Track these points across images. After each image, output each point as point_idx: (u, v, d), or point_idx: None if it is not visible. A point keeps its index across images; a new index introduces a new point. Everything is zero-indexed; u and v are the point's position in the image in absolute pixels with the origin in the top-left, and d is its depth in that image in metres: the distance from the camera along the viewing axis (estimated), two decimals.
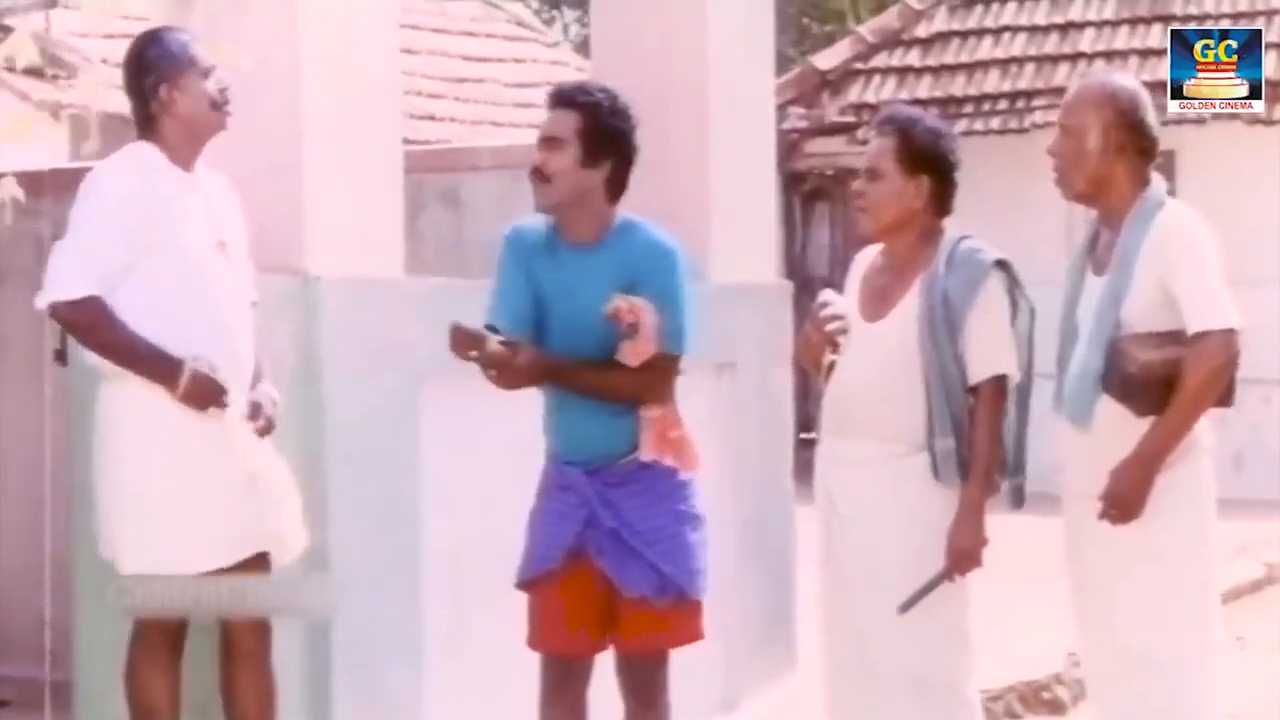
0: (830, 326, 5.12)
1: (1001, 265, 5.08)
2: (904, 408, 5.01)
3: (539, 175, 4.93)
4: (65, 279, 4.93)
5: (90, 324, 4.95)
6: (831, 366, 5.15)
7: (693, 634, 5.08)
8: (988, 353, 5.02)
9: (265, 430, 5.13)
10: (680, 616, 5.01)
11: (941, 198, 5.12)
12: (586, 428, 4.97)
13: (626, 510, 4.94)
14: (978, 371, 5.02)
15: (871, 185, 5.10)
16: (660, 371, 4.94)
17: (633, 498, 4.94)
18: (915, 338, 5.01)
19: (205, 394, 4.94)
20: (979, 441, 4.99)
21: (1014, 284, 5.09)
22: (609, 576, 4.95)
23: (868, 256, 5.26)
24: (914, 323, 5.03)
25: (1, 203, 5.40)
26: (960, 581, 5.02)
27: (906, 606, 4.91)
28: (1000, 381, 5.04)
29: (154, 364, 4.93)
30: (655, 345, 4.87)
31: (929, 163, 5.08)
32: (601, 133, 4.93)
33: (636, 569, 4.94)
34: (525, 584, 5.08)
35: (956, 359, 5.00)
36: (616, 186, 4.99)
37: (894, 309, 5.09)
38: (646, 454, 4.93)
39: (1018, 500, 5.12)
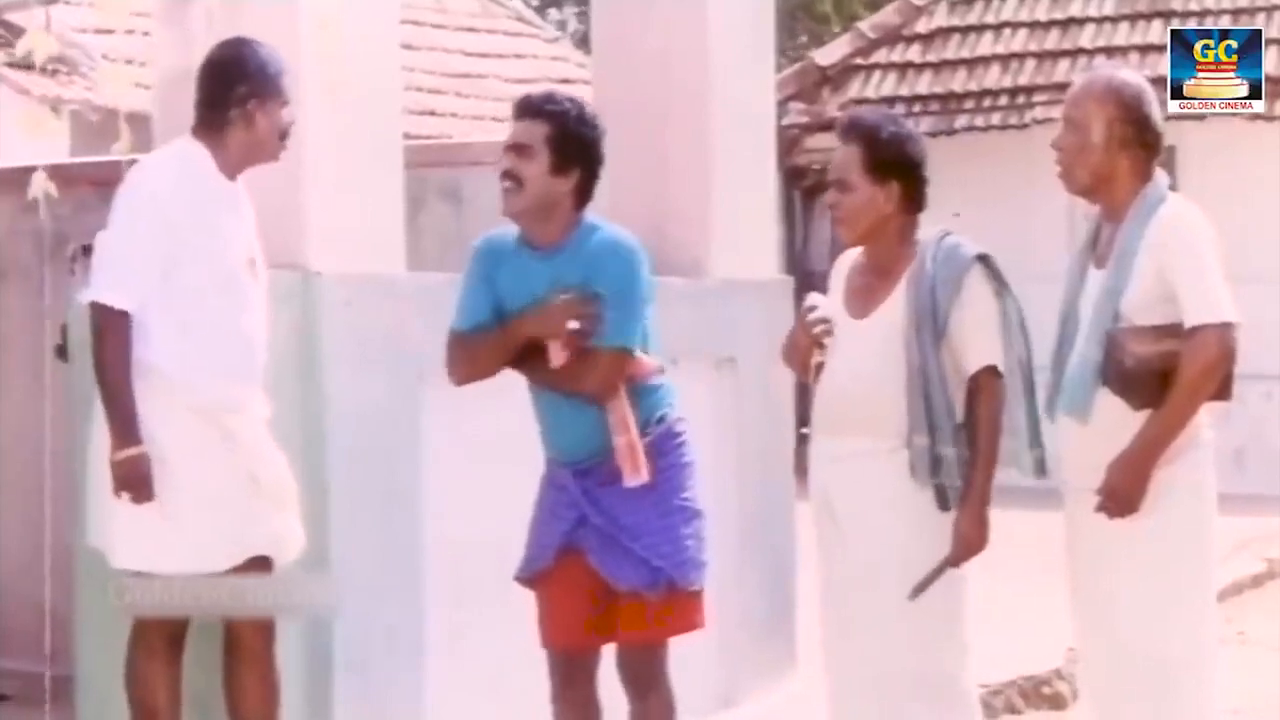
0: (816, 329, 5.15)
1: (983, 260, 5.08)
2: (890, 403, 5.02)
3: (511, 178, 4.98)
4: (111, 284, 4.96)
5: (109, 335, 4.94)
6: (819, 368, 5.17)
7: (690, 624, 5.12)
8: (976, 345, 5.03)
9: None
10: (675, 608, 5.05)
11: (913, 197, 5.13)
12: (570, 430, 5.03)
13: (613, 506, 4.99)
14: (970, 364, 5.03)
15: (843, 197, 5.12)
16: (598, 364, 4.97)
17: (620, 494, 4.99)
18: (901, 334, 5.03)
19: (133, 482, 4.91)
20: (981, 432, 5.00)
21: (998, 278, 5.09)
22: (601, 574, 5.00)
23: (851, 256, 5.29)
24: (900, 319, 5.04)
25: (34, 198, 5.42)
26: (957, 576, 5.03)
27: (914, 594, 4.93)
28: (994, 372, 5.04)
29: (120, 415, 4.92)
30: (565, 349, 4.93)
31: (896, 168, 5.09)
32: (570, 141, 4.99)
33: (627, 564, 4.99)
34: (523, 582, 5.17)
35: (938, 359, 5.01)
36: (583, 194, 5.05)
37: (879, 306, 5.11)
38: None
39: (1040, 470, 5.11)
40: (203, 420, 5.00)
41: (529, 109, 5.04)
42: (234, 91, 5.12)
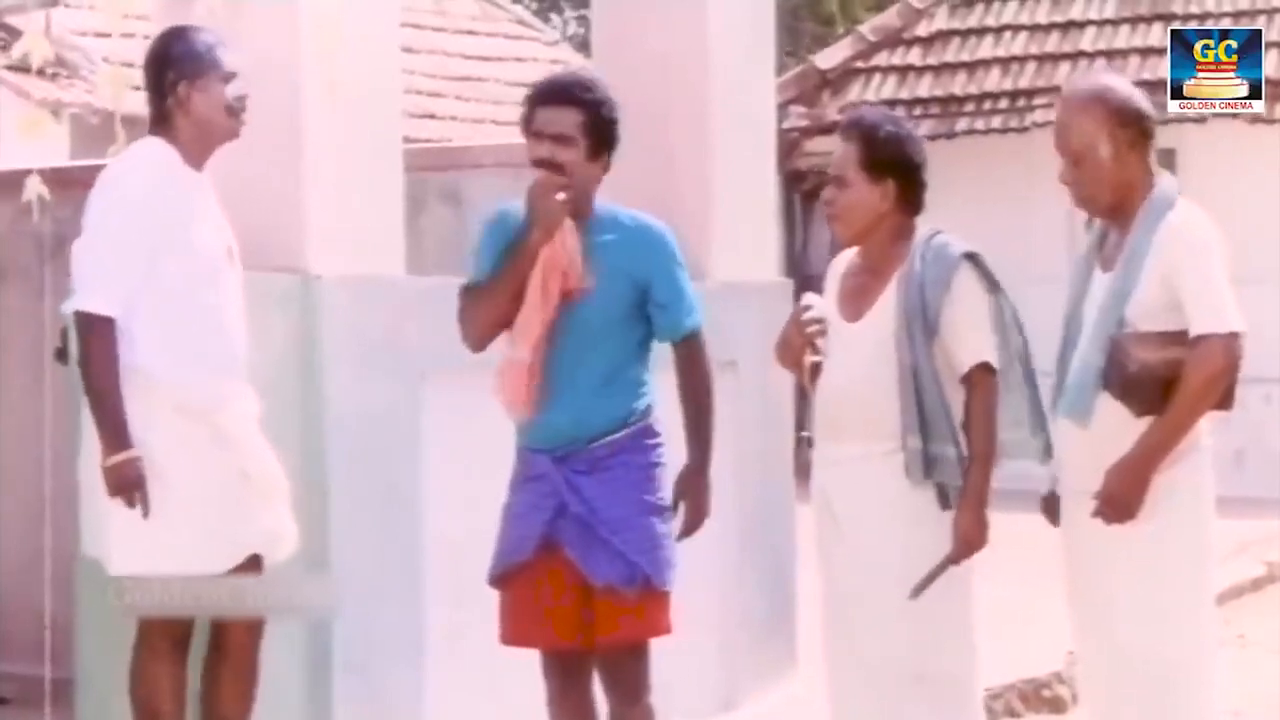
0: (810, 329, 5.15)
1: (971, 257, 5.09)
2: (885, 405, 5.03)
3: (551, 167, 4.96)
4: (94, 291, 4.93)
5: (94, 342, 4.90)
6: (815, 369, 5.17)
7: (662, 626, 5.08)
8: (969, 343, 5.04)
9: None
10: (649, 606, 5.02)
11: (909, 198, 5.14)
12: (552, 414, 5.00)
13: (594, 497, 4.98)
14: (963, 362, 5.04)
15: (839, 193, 5.14)
16: (694, 352, 5.14)
17: (601, 485, 4.98)
18: (892, 335, 5.04)
19: (125, 484, 4.88)
20: (976, 430, 5.00)
21: (987, 276, 5.09)
22: (578, 567, 4.97)
23: (845, 258, 5.30)
24: (891, 320, 5.05)
25: (28, 201, 5.42)
26: (963, 576, 5.03)
27: (915, 593, 4.93)
28: (987, 368, 5.04)
29: (110, 420, 4.89)
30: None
31: (893, 167, 5.10)
32: (604, 128, 5.04)
33: (605, 557, 4.97)
34: (497, 579, 5.10)
35: (930, 358, 5.01)
36: (605, 175, 5.11)
37: (871, 308, 5.12)
38: None
39: (1047, 454, 5.11)
40: (191, 420, 4.98)
41: (562, 96, 5.02)
42: (165, 80, 5.11)
